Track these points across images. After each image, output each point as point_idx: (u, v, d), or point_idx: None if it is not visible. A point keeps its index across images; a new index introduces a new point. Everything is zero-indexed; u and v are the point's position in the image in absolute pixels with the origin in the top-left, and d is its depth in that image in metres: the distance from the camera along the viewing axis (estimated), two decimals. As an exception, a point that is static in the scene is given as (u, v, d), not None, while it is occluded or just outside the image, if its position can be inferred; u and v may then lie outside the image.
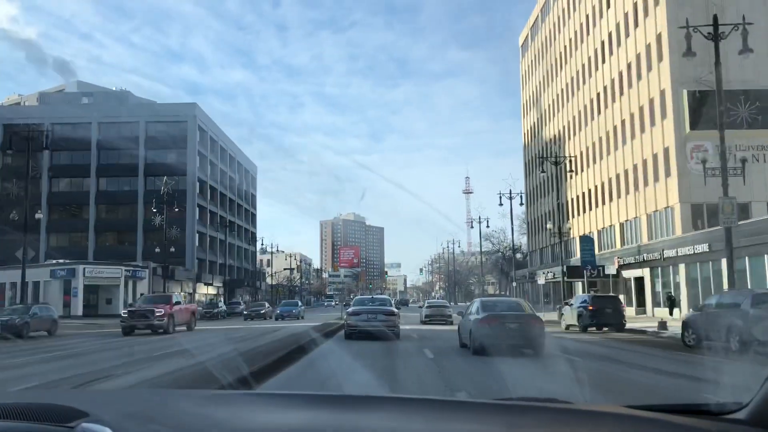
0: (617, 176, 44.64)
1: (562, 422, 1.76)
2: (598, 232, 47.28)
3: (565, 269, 37.45)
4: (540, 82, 65.97)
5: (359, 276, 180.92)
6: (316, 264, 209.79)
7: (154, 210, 56.12)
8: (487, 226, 67.33)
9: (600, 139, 48.23)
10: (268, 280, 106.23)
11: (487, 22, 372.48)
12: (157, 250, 61.04)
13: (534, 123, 67.89)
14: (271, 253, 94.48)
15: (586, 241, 34.28)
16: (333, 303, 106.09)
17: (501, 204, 53.35)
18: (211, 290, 76.97)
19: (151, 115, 73.02)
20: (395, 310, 21.98)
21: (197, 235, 75.62)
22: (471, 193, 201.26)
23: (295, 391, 3.86)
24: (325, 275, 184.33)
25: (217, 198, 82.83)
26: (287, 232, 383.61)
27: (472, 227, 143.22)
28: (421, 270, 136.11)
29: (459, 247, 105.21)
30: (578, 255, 46.28)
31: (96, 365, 14.62)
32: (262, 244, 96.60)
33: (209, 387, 6.98)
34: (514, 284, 64.22)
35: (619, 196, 44.03)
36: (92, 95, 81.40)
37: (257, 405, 2.07)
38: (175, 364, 12.62)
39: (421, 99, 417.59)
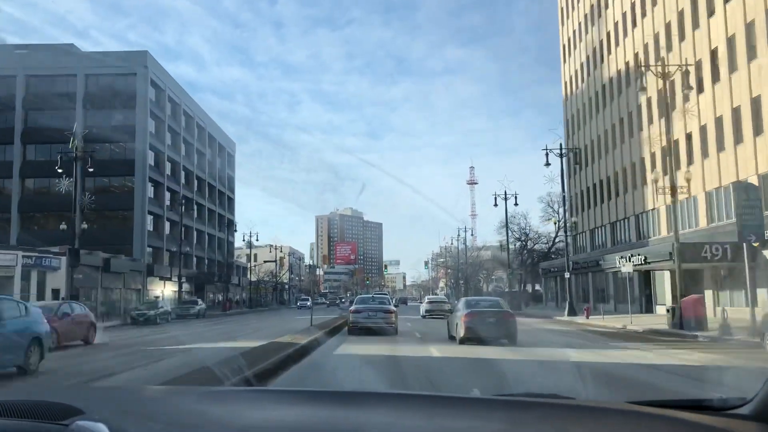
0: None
1: (565, 418, 1.75)
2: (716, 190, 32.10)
3: (675, 249, 22.94)
4: (588, 12, 50.69)
5: (354, 272, 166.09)
6: (312, 259, 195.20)
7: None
8: (516, 204, 52.45)
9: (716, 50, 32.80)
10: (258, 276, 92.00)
11: (486, 19, 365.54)
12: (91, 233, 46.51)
13: (582, 64, 52.62)
14: (249, 241, 79.63)
15: (747, 191, 19.25)
16: (325, 302, 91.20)
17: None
18: (171, 286, 62.06)
19: (91, 66, 58.21)
20: (393, 308, 23.38)
21: (150, 217, 60.87)
22: (476, 183, 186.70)
23: (295, 387, 4.54)
24: (320, 272, 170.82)
25: (180, 174, 68.02)
26: (286, 232, 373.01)
27: (475, 223, 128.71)
28: (426, 263, 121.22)
29: (471, 235, 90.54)
30: (695, 224, 31.76)
31: None
32: (251, 236, 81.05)
33: (208, 384, 6.88)
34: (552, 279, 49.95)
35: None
36: (26, 47, 66.49)
37: (255, 401, 2.06)
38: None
39: (419, 97, 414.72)
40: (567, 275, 36.86)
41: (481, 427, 1.69)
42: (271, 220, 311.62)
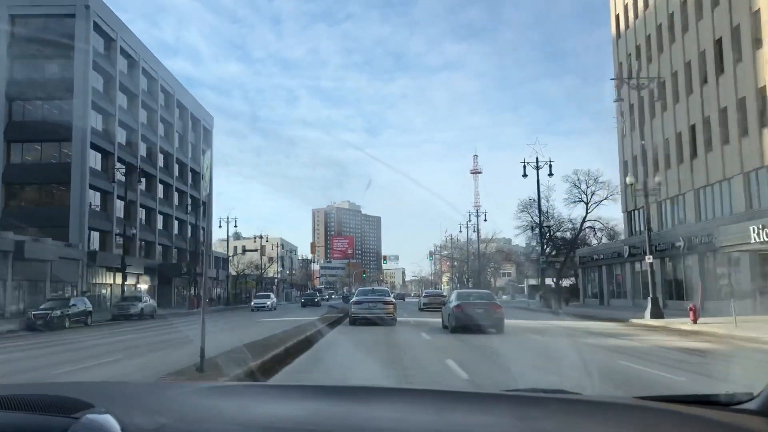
0: None
1: (571, 413, 1.75)
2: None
3: None
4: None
5: (349, 266, 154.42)
6: (307, 252, 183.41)
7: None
8: (550, 174, 41.02)
9: None
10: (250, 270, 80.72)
11: (484, 15, 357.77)
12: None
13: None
14: (227, 227, 68.32)
15: None
16: (315, 300, 78.67)
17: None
18: (124, 279, 50.57)
19: (18, 4, 46.71)
20: (393, 300, 23.87)
21: (96, 194, 49.51)
22: (480, 173, 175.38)
23: (302, 382, 4.38)
24: (316, 266, 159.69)
25: (138, 145, 56.57)
26: (287, 228, 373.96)
27: (485, 219, 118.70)
28: (430, 253, 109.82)
29: (485, 220, 78.97)
30: None
31: None
32: (228, 222, 69.32)
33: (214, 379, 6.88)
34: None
35: None
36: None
37: (263, 396, 2.08)
38: None
39: (417, 93, 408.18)
40: (648, 260, 25.61)
41: (488, 422, 1.68)
42: (273, 217, 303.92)
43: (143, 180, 53.20)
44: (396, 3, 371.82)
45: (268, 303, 51.22)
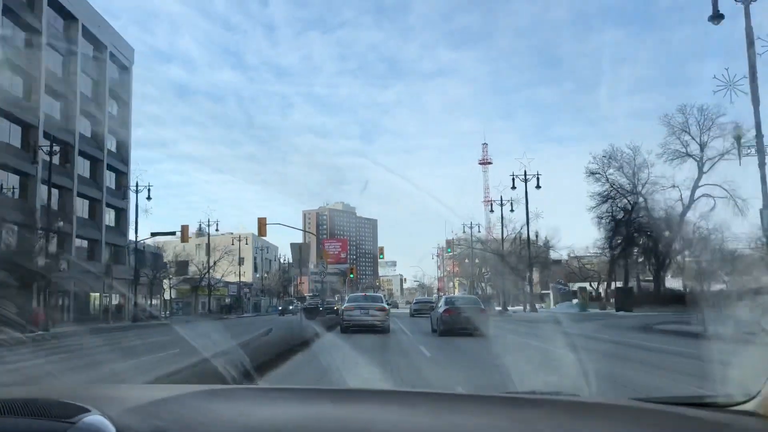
0: None
1: (569, 415, 1.74)
2: None
3: None
4: None
5: (347, 272, 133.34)
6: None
7: None
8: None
9: None
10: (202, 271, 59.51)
11: (477, 22, 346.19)
12: None
13: None
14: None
15: None
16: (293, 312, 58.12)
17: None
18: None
19: None
20: (386, 306, 23.23)
21: None
22: (490, 163, 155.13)
23: (299, 385, 4.10)
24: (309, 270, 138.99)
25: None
26: (281, 234, 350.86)
27: (492, 210, 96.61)
28: (449, 243, 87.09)
29: (512, 209, 57.66)
30: None
31: None
32: (137, 189, 46.88)
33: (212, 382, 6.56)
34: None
35: None
36: None
37: (261, 399, 2.07)
38: None
39: (412, 99, 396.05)
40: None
41: (485, 425, 1.67)
42: (273, 226, 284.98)
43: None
44: (390, 9, 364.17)
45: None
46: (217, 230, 63.56)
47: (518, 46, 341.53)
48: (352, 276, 67.60)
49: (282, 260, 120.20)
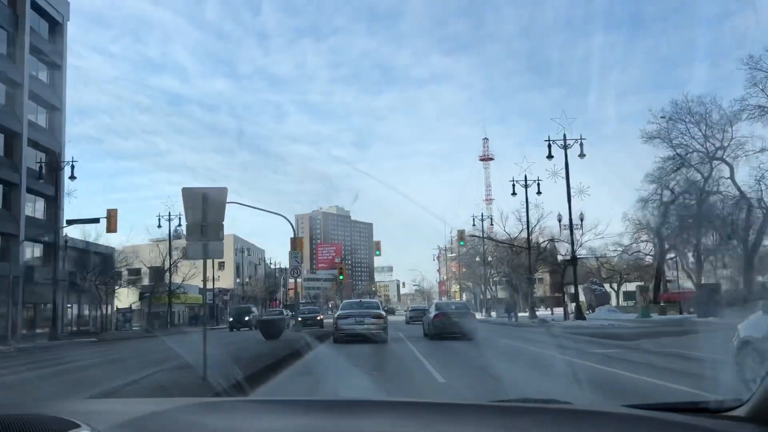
0: None
1: (562, 423, 1.73)
2: None
3: None
4: None
5: (340, 276, 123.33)
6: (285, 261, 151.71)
7: None
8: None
9: None
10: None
11: (470, 28, 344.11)
12: None
13: None
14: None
15: None
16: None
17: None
18: None
19: None
20: (383, 313, 22.10)
21: None
22: (491, 159, 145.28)
23: (291, 397, 4.17)
24: (299, 279, 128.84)
25: None
26: (274, 242, 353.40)
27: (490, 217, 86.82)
28: (461, 238, 77.78)
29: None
30: None
31: None
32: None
33: (204, 395, 6.76)
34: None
35: None
36: None
37: (253, 412, 2.04)
38: None
39: (406, 106, 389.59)
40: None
41: None
42: (260, 231, 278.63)
43: None
44: (382, 16, 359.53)
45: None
46: (179, 226, 52.74)
47: (511, 51, 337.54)
48: (341, 278, 56.93)
49: (273, 265, 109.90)
